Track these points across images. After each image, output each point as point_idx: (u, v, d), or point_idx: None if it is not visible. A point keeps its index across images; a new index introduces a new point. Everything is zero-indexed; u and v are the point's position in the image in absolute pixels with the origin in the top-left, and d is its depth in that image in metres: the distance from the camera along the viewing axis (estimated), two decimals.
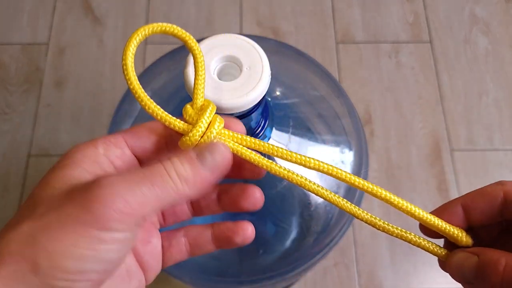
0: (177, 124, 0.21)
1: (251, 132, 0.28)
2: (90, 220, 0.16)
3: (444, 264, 0.22)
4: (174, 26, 0.21)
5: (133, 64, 0.20)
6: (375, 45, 0.66)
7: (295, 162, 0.22)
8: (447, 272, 0.22)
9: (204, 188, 0.19)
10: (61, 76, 0.64)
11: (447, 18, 0.68)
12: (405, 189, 0.59)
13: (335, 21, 0.68)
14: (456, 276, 0.21)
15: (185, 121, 0.21)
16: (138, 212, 0.17)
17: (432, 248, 0.22)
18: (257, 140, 0.22)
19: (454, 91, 0.64)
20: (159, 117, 0.21)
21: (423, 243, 0.23)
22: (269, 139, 0.30)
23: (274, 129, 0.30)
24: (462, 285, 0.22)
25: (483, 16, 0.69)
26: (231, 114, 0.24)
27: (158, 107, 0.21)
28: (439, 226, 0.22)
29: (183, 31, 0.21)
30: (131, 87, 0.21)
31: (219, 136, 0.21)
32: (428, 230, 0.23)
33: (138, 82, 0.21)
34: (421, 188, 0.59)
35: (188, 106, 0.21)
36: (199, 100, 0.21)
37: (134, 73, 0.20)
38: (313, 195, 0.34)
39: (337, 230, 0.34)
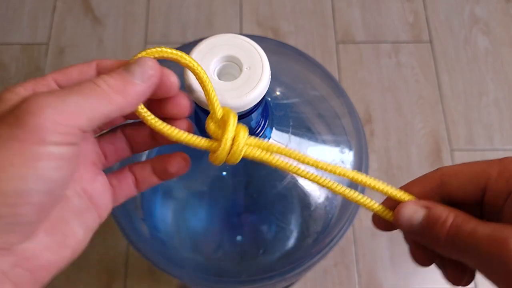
0: (202, 142, 0.21)
1: (251, 132, 0.28)
2: (24, 134, 0.15)
3: (380, 221, 0.23)
4: (164, 49, 0.21)
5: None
6: (375, 45, 0.67)
7: (320, 168, 0.22)
8: (395, 223, 0.22)
9: (137, 98, 0.19)
10: None
11: (447, 18, 0.68)
12: None
13: (335, 21, 0.68)
14: (404, 228, 0.21)
15: (211, 138, 0.21)
16: (73, 121, 0.16)
17: (377, 207, 0.22)
18: (282, 147, 0.22)
19: (454, 91, 0.64)
20: (183, 140, 0.21)
21: (368, 202, 0.22)
22: (269, 139, 0.30)
23: (274, 129, 0.30)
24: (409, 236, 0.22)
25: (483, 16, 0.69)
26: None
27: (180, 130, 0.21)
28: (390, 192, 0.22)
29: (173, 50, 0.21)
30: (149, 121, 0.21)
31: (246, 146, 0.22)
32: (380, 223, 0.23)
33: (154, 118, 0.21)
34: None
35: (209, 121, 0.22)
36: (218, 113, 0.21)
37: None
38: (313, 195, 0.34)
39: (337, 230, 0.34)
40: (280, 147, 0.22)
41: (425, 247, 0.21)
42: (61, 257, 0.18)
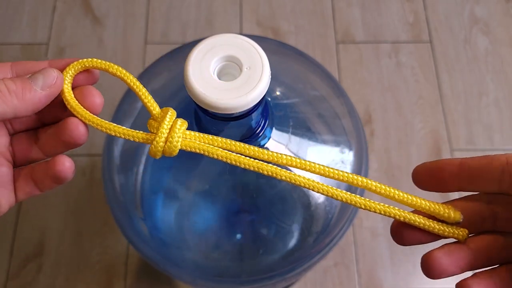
0: (140, 135, 0.22)
1: (251, 132, 0.28)
2: None
3: (399, 228, 0.22)
4: (94, 60, 0.24)
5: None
6: (375, 45, 0.67)
7: (253, 156, 0.23)
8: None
9: (34, 104, 0.21)
10: None
11: (447, 18, 0.68)
12: (405, 189, 0.58)
13: (335, 21, 0.68)
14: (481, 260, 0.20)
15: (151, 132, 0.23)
16: None
17: (448, 231, 0.21)
18: (224, 139, 0.23)
19: (454, 91, 0.64)
20: (119, 135, 0.22)
21: (437, 227, 0.22)
22: (269, 139, 0.30)
23: (274, 129, 0.30)
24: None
25: (483, 16, 0.69)
26: (231, 114, 0.24)
27: (113, 124, 0.23)
28: (427, 206, 0.22)
29: (102, 61, 0.24)
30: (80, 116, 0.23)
31: (185, 138, 0.23)
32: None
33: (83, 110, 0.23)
34: None
35: (150, 120, 0.23)
36: (154, 111, 0.23)
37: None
38: (313, 195, 0.34)
39: (337, 230, 0.34)
40: (220, 140, 0.23)
41: None
42: None
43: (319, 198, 0.34)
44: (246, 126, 0.27)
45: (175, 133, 0.22)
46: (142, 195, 0.35)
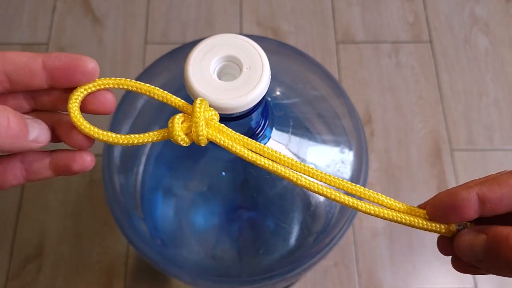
0: (156, 135, 0.22)
1: (251, 132, 0.28)
2: None
3: (446, 248, 0.22)
4: (101, 81, 0.22)
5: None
6: (375, 45, 0.67)
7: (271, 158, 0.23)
8: (456, 252, 0.21)
9: (19, 148, 0.20)
10: None
11: (447, 18, 0.68)
12: (405, 189, 0.59)
13: (335, 21, 0.68)
14: (466, 256, 0.21)
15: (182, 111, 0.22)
16: None
17: (437, 228, 0.22)
18: (257, 144, 0.22)
19: (454, 91, 0.64)
20: (137, 143, 0.22)
21: (429, 225, 0.22)
22: (269, 139, 0.30)
23: (274, 129, 0.30)
24: (472, 263, 0.21)
25: (483, 16, 0.69)
26: (231, 114, 0.24)
27: (131, 136, 0.22)
28: (423, 225, 0.22)
29: (107, 80, 0.22)
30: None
31: (215, 134, 0.22)
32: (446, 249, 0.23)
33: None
34: (421, 188, 0.59)
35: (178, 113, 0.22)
36: (180, 103, 0.22)
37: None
38: (313, 194, 0.34)
39: (337, 230, 0.34)
40: (252, 142, 0.22)
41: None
42: None
43: (320, 198, 0.34)
44: (246, 126, 0.27)
45: (197, 120, 0.21)
46: (142, 195, 0.35)
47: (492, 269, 0.20)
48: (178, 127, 0.21)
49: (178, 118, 0.22)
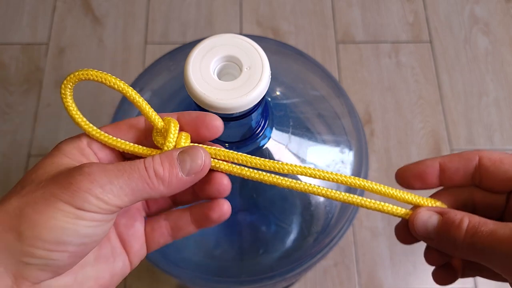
0: (144, 151, 0.21)
1: (251, 132, 0.28)
2: (69, 199, 0.18)
3: (401, 229, 0.24)
4: (91, 72, 0.21)
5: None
6: (375, 45, 0.67)
7: (270, 169, 0.23)
8: (411, 230, 0.23)
9: (179, 189, 0.21)
10: (61, 76, 0.64)
11: (447, 18, 0.68)
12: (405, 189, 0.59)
13: (335, 21, 0.68)
14: (419, 233, 0.22)
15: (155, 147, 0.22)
16: (113, 201, 0.19)
17: (395, 210, 0.24)
18: (230, 152, 0.22)
19: (454, 91, 0.64)
20: (127, 150, 0.22)
21: (388, 208, 0.24)
22: (269, 139, 0.30)
23: (274, 129, 0.30)
24: (424, 241, 0.23)
25: (483, 16, 0.69)
26: (231, 114, 0.24)
27: (120, 141, 0.22)
28: (408, 198, 0.24)
29: (98, 73, 0.21)
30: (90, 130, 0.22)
31: None
32: (432, 258, 0.24)
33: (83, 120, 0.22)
34: None
35: (153, 133, 0.22)
36: (158, 124, 0.22)
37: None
38: (313, 195, 0.34)
39: (337, 230, 0.34)
40: (226, 153, 0.22)
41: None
42: None
43: (319, 198, 0.34)
44: (246, 126, 0.27)
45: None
46: None
47: (440, 247, 0.22)
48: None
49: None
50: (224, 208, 0.23)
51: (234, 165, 0.22)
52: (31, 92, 0.63)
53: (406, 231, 0.24)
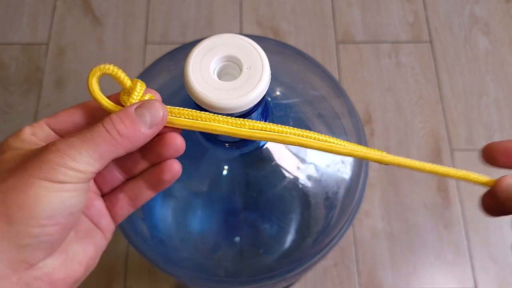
0: (111, 105, 0.22)
1: None
2: (48, 175, 0.19)
3: (487, 200, 0.24)
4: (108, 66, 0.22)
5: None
6: (375, 45, 0.67)
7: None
8: (495, 192, 0.23)
9: (142, 143, 0.21)
10: (61, 76, 0.64)
11: (447, 18, 0.68)
12: (405, 189, 0.59)
13: (335, 21, 0.68)
14: (504, 194, 0.23)
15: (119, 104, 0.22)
16: (88, 169, 0.20)
17: (477, 178, 0.24)
18: (190, 110, 0.22)
19: (454, 91, 0.64)
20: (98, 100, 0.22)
21: (467, 174, 0.24)
22: None
23: None
24: (507, 204, 0.23)
25: (483, 16, 0.69)
26: (231, 114, 0.24)
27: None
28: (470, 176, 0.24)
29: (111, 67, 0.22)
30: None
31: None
32: (489, 207, 0.25)
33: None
34: (421, 188, 0.59)
35: (121, 93, 0.23)
36: (127, 84, 0.22)
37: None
38: (313, 194, 0.34)
39: (337, 230, 0.34)
40: (187, 112, 0.22)
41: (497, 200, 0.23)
42: (76, 272, 0.21)
43: (320, 198, 0.34)
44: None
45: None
46: None
47: None
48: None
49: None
50: (175, 168, 0.23)
51: (187, 120, 0.23)
52: (31, 92, 0.63)
53: (492, 201, 0.24)
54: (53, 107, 0.62)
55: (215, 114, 0.23)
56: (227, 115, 0.24)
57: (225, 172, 0.32)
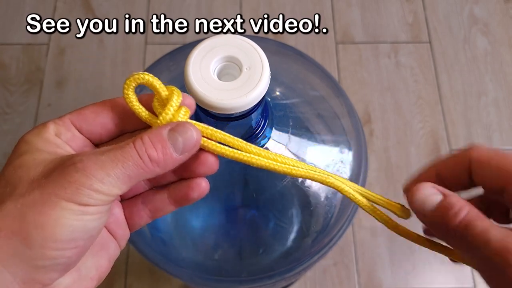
0: (145, 114, 0.21)
1: (251, 132, 0.28)
2: (72, 197, 0.18)
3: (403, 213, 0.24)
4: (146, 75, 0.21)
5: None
6: (375, 45, 0.67)
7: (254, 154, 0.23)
8: (408, 201, 0.22)
9: (172, 167, 0.21)
10: (62, 76, 0.64)
11: (447, 19, 0.68)
12: None
13: (335, 21, 0.68)
14: (416, 206, 0.21)
15: (152, 113, 0.22)
16: (113, 192, 0.19)
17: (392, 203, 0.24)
18: (215, 131, 0.22)
19: (453, 91, 0.64)
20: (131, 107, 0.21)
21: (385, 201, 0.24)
22: (268, 139, 0.30)
23: (274, 129, 0.31)
24: (418, 216, 0.22)
25: (482, 16, 0.69)
26: (231, 114, 0.24)
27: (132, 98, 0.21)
28: (381, 201, 0.24)
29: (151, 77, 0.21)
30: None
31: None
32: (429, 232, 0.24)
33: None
34: None
35: (154, 100, 0.22)
36: (162, 93, 0.21)
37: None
38: (313, 194, 0.34)
39: (336, 229, 0.34)
40: (220, 134, 0.22)
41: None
42: (88, 286, 0.21)
43: (319, 197, 0.34)
44: (246, 126, 0.27)
45: (176, 119, 0.21)
46: None
47: (432, 227, 0.21)
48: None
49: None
50: (203, 187, 0.23)
51: (221, 146, 0.22)
52: (31, 92, 0.63)
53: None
54: (53, 107, 0.62)
55: (248, 143, 0.23)
56: (227, 115, 0.24)
57: (225, 172, 0.33)
